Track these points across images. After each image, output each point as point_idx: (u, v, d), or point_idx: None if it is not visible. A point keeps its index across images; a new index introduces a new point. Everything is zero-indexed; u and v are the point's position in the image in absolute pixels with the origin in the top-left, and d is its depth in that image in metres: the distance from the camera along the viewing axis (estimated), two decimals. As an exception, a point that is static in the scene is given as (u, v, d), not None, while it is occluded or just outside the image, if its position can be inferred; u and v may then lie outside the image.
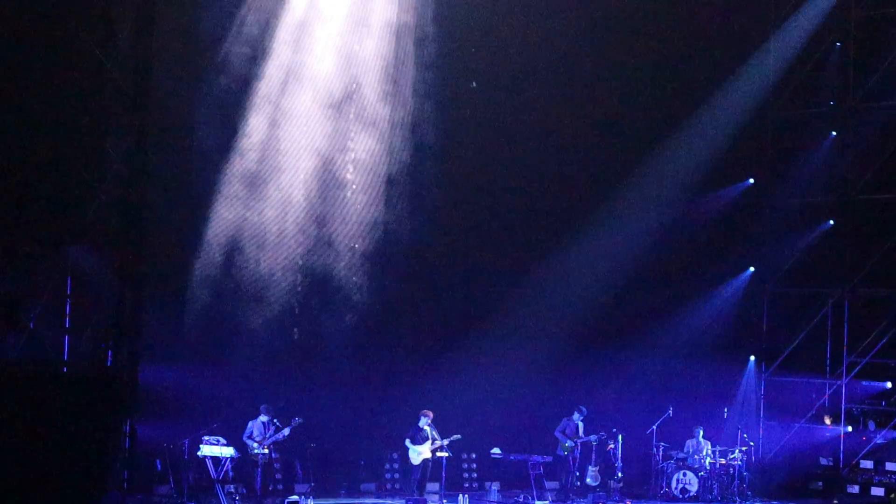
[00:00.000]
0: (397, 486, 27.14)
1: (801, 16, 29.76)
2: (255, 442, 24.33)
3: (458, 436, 25.51)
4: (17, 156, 21.50)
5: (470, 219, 28.75)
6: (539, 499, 26.41)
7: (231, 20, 25.75)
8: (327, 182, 27.20)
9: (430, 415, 25.60)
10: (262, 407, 24.57)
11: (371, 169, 27.59)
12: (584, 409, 27.03)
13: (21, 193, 21.48)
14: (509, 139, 28.60)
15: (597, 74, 28.88)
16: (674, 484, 27.39)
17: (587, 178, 29.29)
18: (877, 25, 29.13)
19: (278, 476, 25.97)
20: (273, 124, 26.48)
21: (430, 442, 25.53)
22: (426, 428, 25.55)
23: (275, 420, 24.52)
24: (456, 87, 28.07)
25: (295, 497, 24.35)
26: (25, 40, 21.43)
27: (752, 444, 28.28)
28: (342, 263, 27.46)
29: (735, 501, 27.16)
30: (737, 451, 27.58)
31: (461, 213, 28.69)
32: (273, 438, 24.41)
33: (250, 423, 24.52)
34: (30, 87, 21.47)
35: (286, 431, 24.41)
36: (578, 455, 27.00)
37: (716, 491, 27.34)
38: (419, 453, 25.59)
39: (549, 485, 27.62)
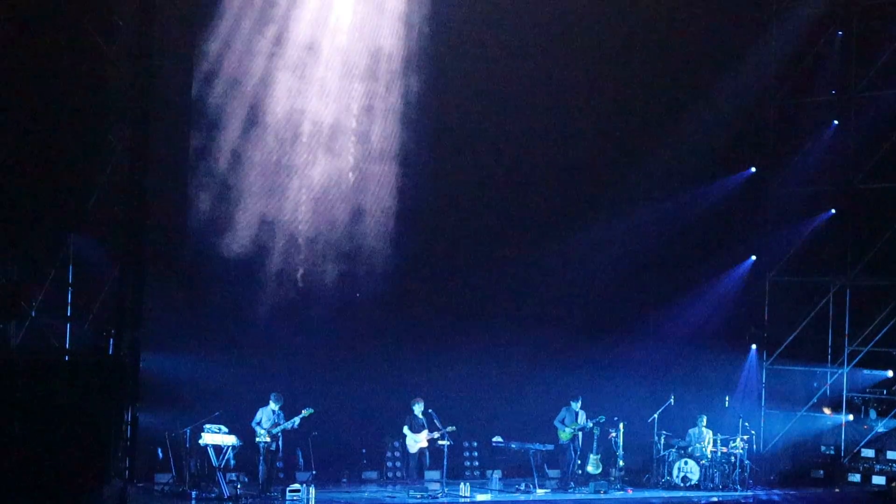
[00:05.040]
0: (399, 474, 27.15)
1: (802, 4, 29.76)
2: (263, 429, 24.31)
3: (453, 427, 25.57)
4: (19, 144, 21.50)
5: (471, 208, 28.72)
6: (540, 487, 26.45)
7: (232, 8, 25.74)
8: (332, 170, 27.20)
9: (421, 402, 25.73)
10: (272, 395, 24.53)
11: (377, 156, 27.62)
12: (579, 397, 27.04)
13: (23, 181, 21.47)
14: (509, 128, 28.55)
15: (600, 64, 28.85)
16: (675, 472, 27.42)
17: (589, 166, 29.29)
18: (878, 14, 29.19)
19: (280, 465, 25.99)
20: (276, 110, 26.48)
21: (426, 431, 25.65)
22: (420, 415, 25.70)
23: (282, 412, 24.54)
24: (463, 74, 28.01)
25: (297, 486, 24.37)
26: (28, 30, 21.42)
27: (753, 432, 28.33)
28: (344, 254, 27.47)
29: (736, 490, 27.18)
30: (738, 439, 27.61)
31: (464, 203, 28.65)
32: (281, 428, 24.38)
33: (260, 411, 24.47)
34: (32, 76, 21.46)
35: (296, 421, 24.37)
36: (580, 443, 27.02)
37: (717, 479, 27.37)
38: (416, 441, 25.71)
39: (550, 473, 27.71)
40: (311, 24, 26.73)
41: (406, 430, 25.84)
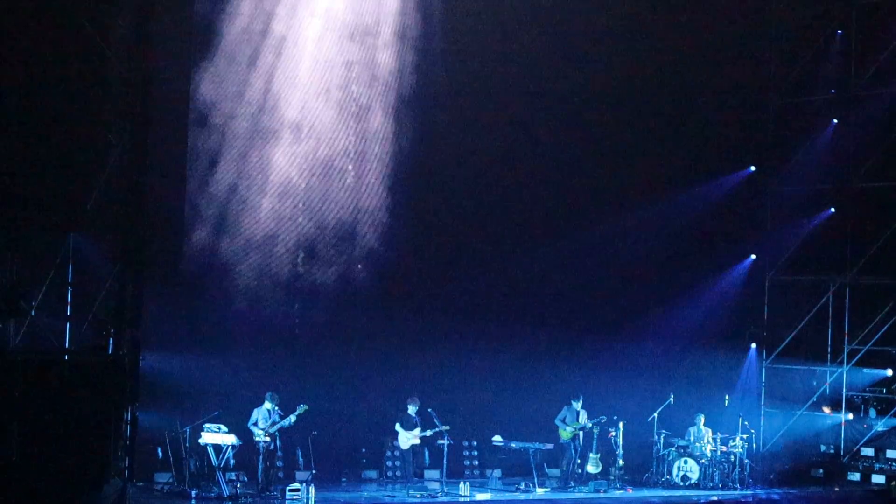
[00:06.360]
0: (398, 473, 27.17)
1: (802, 4, 29.75)
2: (260, 430, 24.32)
3: (447, 426, 25.61)
4: (18, 143, 21.51)
5: (471, 208, 28.71)
6: (540, 486, 26.48)
7: (232, 7, 25.79)
8: (332, 169, 27.22)
9: (417, 402, 25.80)
10: (266, 394, 24.56)
11: (376, 155, 27.62)
12: (580, 396, 27.05)
13: (23, 181, 21.49)
14: (509, 127, 28.55)
15: (599, 64, 28.81)
16: (675, 471, 27.43)
17: (588, 166, 29.27)
18: (878, 13, 29.13)
19: (279, 464, 25.99)
20: (276, 109, 26.49)
21: (418, 429, 25.77)
22: (413, 415, 25.81)
23: (278, 409, 24.53)
24: (462, 73, 28.00)
25: (296, 485, 24.39)
26: (27, 28, 21.42)
27: (753, 431, 28.34)
28: (343, 251, 27.48)
29: (736, 489, 27.20)
30: (738, 438, 27.63)
31: (463, 202, 28.64)
32: (278, 426, 24.40)
33: (255, 411, 24.50)
34: (31, 76, 21.47)
35: (292, 419, 24.41)
36: (580, 443, 27.03)
37: (717, 478, 27.38)
38: (408, 439, 25.79)
39: (550, 472, 27.71)
40: (311, 23, 26.74)
41: (398, 426, 25.93)
